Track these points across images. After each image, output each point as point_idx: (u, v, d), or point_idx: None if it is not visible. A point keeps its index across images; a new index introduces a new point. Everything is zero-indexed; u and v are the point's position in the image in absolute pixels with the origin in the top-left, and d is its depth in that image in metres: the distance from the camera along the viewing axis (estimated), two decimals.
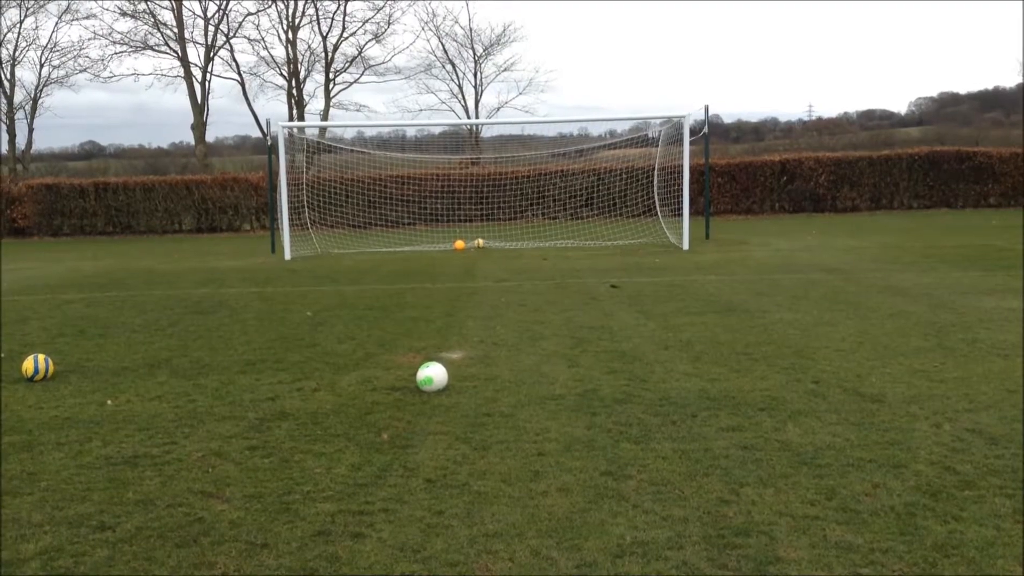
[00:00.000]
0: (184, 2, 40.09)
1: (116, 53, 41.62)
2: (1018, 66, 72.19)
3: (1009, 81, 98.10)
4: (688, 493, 5.03)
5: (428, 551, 4.37)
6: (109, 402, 7.45)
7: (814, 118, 72.03)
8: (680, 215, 21.34)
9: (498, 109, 45.88)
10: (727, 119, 71.46)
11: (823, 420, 6.37)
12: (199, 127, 41.68)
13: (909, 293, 12.24)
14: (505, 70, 45.61)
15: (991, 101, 67.24)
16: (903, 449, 5.69)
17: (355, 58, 43.69)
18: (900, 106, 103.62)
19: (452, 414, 6.79)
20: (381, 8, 42.92)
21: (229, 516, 4.88)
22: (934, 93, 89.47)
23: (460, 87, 45.60)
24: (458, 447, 5.98)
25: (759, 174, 31.62)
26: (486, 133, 41.86)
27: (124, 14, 40.40)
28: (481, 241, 23.16)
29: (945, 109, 69.21)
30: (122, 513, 4.97)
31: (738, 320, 10.50)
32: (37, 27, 47.32)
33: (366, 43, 45.39)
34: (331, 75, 43.47)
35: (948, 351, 8.51)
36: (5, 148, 42.81)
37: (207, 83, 41.73)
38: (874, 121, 71.34)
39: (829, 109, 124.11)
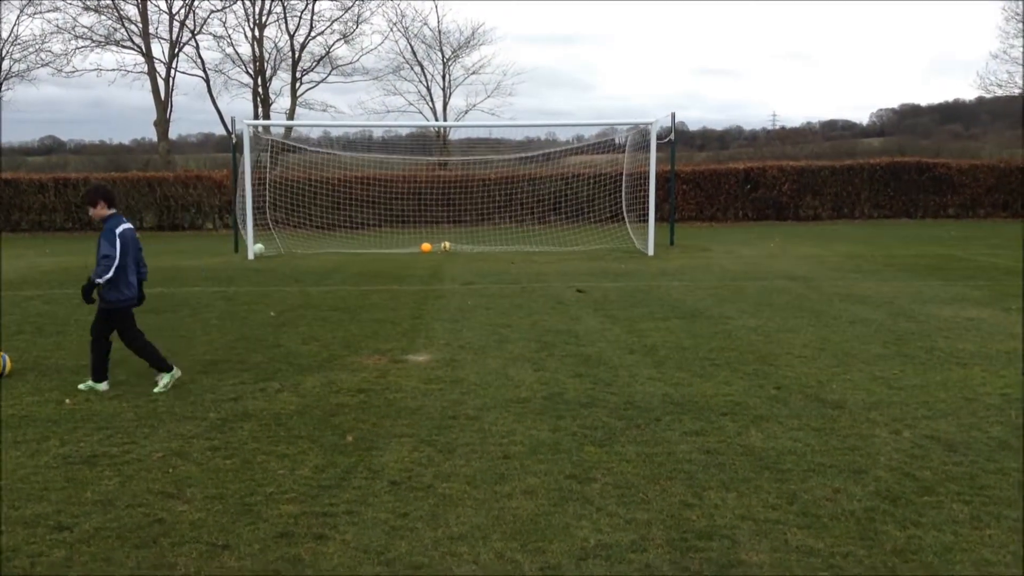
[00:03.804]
0: None
1: (79, 48, 40.94)
2: (978, 80, 73.29)
3: (968, 94, 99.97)
4: (652, 496, 5.06)
5: (392, 553, 4.35)
6: (67, 401, 7.34)
7: (778, 127, 72.85)
8: (646, 221, 21.46)
9: (466, 112, 45.82)
10: (693, 127, 71.99)
11: (785, 425, 6.44)
12: (162, 124, 41.14)
13: (870, 301, 12.41)
14: (473, 73, 45.52)
15: (951, 114, 68.44)
16: (863, 455, 5.77)
17: (322, 58, 43.34)
18: (862, 117, 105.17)
19: (418, 416, 6.77)
20: (349, 8, 42.66)
21: (190, 517, 4.83)
22: (895, 105, 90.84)
23: (428, 89, 45.43)
24: (423, 449, 5.97)
25: (724, 182, 31.88)
26: (454, 135, 41.84)
27: (88, 8, 39.77)
28: (448, 244, 23.11)
29: (906, 121, 70.27)
30: (80, 513, 4.89)
31: (702, 326, 10.58)
32: None
33: (334, 43, 45.23)
34: (298, 74, 43.11)
35: (907, 359, 8.64)
36: None
37: (171, 79, 41.25)
38: (836, 131, 72.21)
39: (793, 119, 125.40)
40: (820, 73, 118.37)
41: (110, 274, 7.50)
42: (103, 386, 7.75)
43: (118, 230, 7.59)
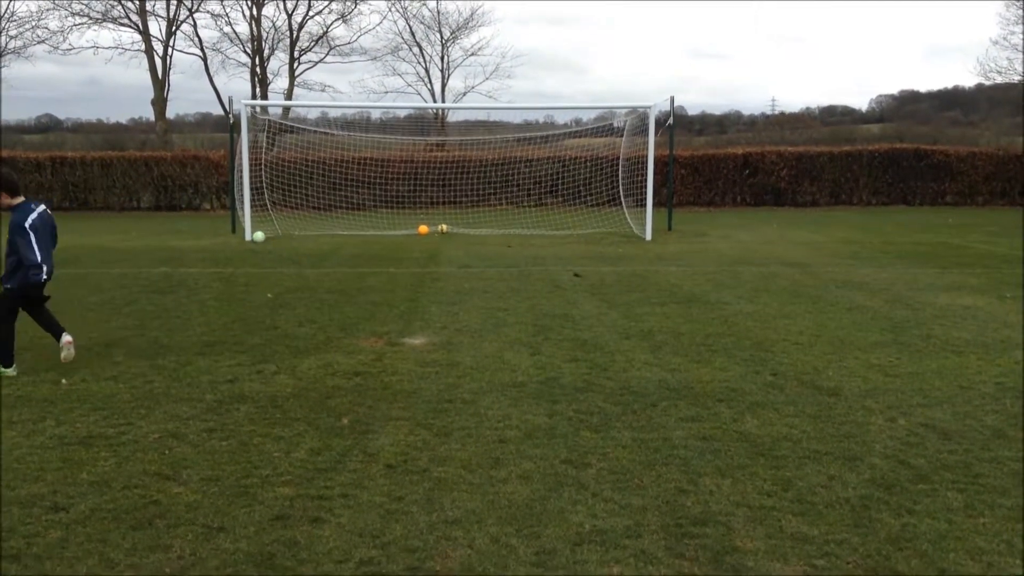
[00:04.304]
0: None
1: (76, 25, 40.69)
2: (977, 66, 73.06)
3: (968, 81, 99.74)
4: (647, 482, 5.07)
5: (387, 537, 4.36)
6: (64, 381, 7.32)
7: (777, 112, 72.63)
8: (643, 205, 21.42)
9: (464, 94, 45.67)
10: (691, 111, 71.84)
11: (781, 412, 6.45)
12: (159, 102, 40.97)
13: (867, 288, 12.42)
14: (472, 55, 45.33)
15: (950, 100, 68.31)
16: (858, 442, 5.78)
17: (320, 37, 43.15)
18: (861, 103, 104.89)
19: (413, 400, 6.77)
20: None
21: (186, 499, 4.83)
22: (895, 91, 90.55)
23: (427, 70, 45.31)
24: (419, 433, 5.97)
25: (722, 167, 31.84)
26: (452, 117, 41.70)
27: None
28: (445, 226, 23.05)
29: (905, 107, 70.10)
30: (76, 494, 4.89)
31: (699, 311, 10.58)
32: None
33: (332, 23, 44.81)
34: (296, 54, 42.94)
35: (904, 346, 8.65)
36: None
37: (168, 58, 41.04)
38: (835, 117, 72.03)
39: (792, 104, 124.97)
40: (818, 57, 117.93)
41: (43, 275, 7.49)
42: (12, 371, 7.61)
43: (28, 223, 7.36)
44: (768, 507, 4.72)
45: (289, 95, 42.33)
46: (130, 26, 40.41)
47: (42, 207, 7.68)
